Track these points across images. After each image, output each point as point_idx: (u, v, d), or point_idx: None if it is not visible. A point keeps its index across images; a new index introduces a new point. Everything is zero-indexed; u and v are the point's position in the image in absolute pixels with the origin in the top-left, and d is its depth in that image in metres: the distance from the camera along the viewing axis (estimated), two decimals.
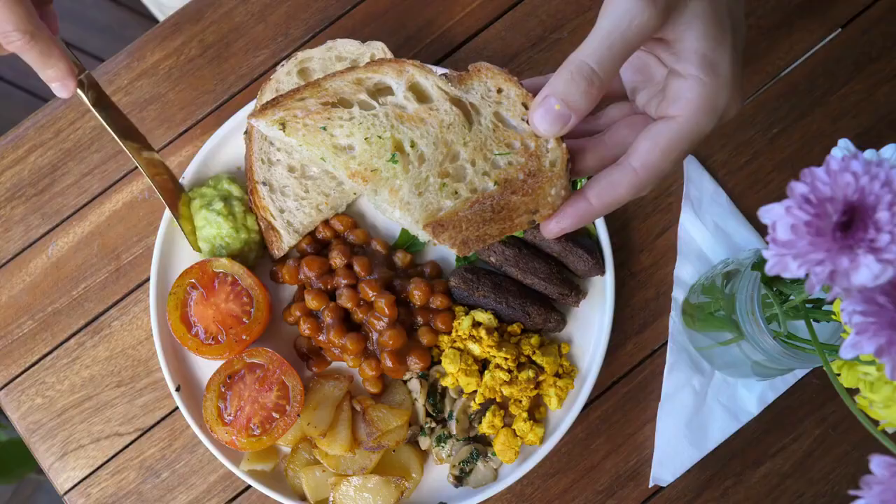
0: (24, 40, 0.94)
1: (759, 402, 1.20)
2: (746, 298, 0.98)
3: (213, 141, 1.22)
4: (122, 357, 1.24)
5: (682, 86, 0.72)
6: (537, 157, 0.80)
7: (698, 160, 1.26)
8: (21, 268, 1.26)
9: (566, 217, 0.77)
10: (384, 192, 0.83)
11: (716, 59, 0.71)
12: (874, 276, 0.61)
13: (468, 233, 0.80)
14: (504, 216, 0.80)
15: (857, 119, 1.28)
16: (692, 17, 0.70)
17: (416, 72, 0.86)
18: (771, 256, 0.65)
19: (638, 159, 0.73)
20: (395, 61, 0.86)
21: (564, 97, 0.71)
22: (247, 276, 1.17)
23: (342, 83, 0.86)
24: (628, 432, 1.22)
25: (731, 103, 0.72)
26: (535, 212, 0.79)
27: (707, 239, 1.24)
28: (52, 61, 0.99)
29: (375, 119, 0.85)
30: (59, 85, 1.02)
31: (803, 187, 0.64)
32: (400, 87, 0.86)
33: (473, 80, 0.84)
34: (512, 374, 1.16)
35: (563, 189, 0.78)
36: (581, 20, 1.29)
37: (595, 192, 0.75)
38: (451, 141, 0.83)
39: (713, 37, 0.70)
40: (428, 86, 0.85)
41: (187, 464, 1.22)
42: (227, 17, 1.31)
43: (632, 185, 0.74)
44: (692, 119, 0.72)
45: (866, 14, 1.30)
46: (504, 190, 0.80)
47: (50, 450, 1.23)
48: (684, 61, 0.71)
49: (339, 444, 1.14)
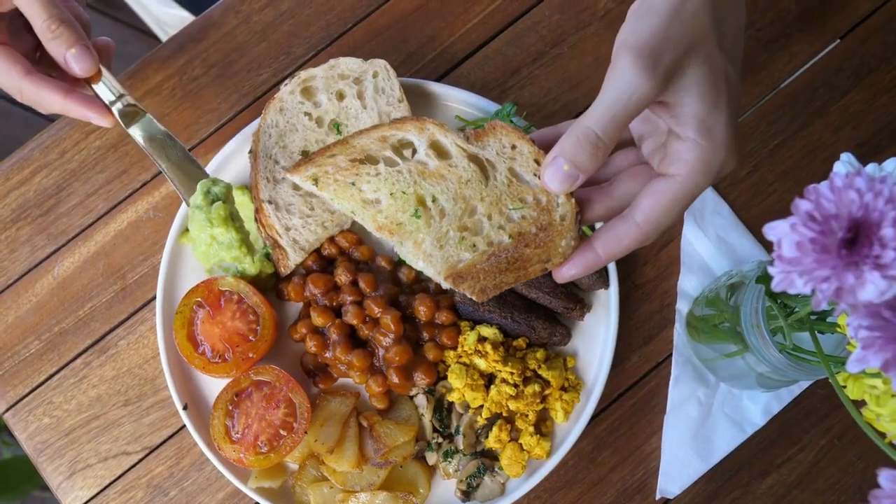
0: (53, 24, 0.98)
1: (764, 413, 1.21)
2: (751, 311, 0.99)
3: (217, 160, 1.22)
4: (128, 376, 1.25)
5: (681, 147, 0.77)
6: (548, 211, 0.86)
7: None
8: (27, 288, 1.27)
9: (575, 266, 0.84)
10: (409, 244, 0.90)
11: (712, 122, 0.76)
12: (880, 292, 0.61)
13: (486, 282, 0.88)
14: (518, 266, 0.87)
15: (857, 129, 1.29)
16: (690, 84, 0.75)
17: (436, 130, 0.92)
18: (777, 273, 0.65)
19: (641, 215, 0.79)
20: (417, 119, 0.93)
21: (573, 159, 0.77)
22: (252, 294, 1.17)
23: (368, 140, 0.94)
24: (634, 445, 1.22)
25: (726, 163, 0.78)
26: (548, 260, 0.86)
27: (710, 251, 1.24)
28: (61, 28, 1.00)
29: (400, 175, 0.92)
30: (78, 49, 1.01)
31: (808, 205, 0.65)
32: (422, 145, 0.93)
33: (489, 136, 0.90)
34: (518, 389, 1.16)
35: (572, 240, 0.85)
36: (581, 35, 1.30)
37: (602, 243, 0.82)
38: (470, 196, 0.90)
39: (710, 101, 0.75)
40: (447, 143, 0.92)
41: (195, 482, 1.22)
42: (230, 37, 1.31)
43: (635, 239, 0.80)
44: (690, 179, 0.77)
45: (865, 24, 1.31)
46: (518, 243, 0.87)
47: (58, 469, 1.23)
48: (683, 125, 0.76)
49: (346, 460, 1.15)
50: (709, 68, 0.75)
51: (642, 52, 0.72)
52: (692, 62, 0.74)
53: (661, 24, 0.73)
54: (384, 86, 1.19)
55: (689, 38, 0.74)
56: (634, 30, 0.74)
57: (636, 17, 0.75)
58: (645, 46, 0.73)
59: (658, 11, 0.74)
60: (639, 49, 0.72)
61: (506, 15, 1.31)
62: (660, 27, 0.73)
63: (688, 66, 0.74)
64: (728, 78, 0.77)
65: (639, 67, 0.72)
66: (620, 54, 0.73)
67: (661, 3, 0.75)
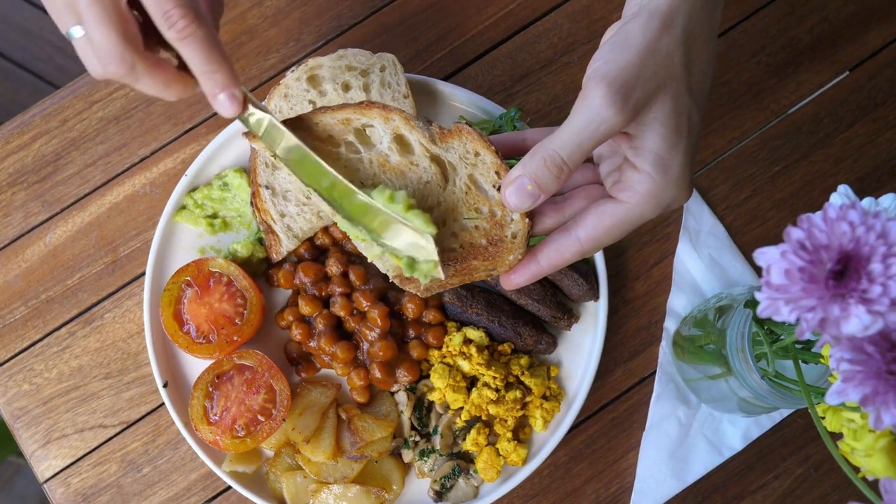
0: (189, 20, 0.74)
1: (743, 437, 1.21)
2: (737, 335, 0.99)
3: (217, 141, 1.22)
4: (112, 349, 1.24)
5: (635, 178, 0.80)
6: (501, 226, 0.86)
7: (699, 192, 1.27)
8: (17, 253, 1.26)
9: (521, 276, 0.87)
10: (358, 239, 0.88)
11: (669, 160, 0.78)
12: (864, 326, 0.61)
13: (432, 284, 0.88)
14: (465, 273, 0.87)
15: (858, 163, 1.29)
16: (653, 121, 0.77)
17: (402, 124, 0.89)
18: (763, 299, 0.65)
19: (584, 232, 0.83)
20: (383, 107, 0.90)
21: (536, 179, 0.79)
22: (242, 277, 1.17)
23: (332, 120, 0.90)
24: (611, 459, 1.22)
25: (676, 199, 0.81)
26: (493, 269, 0.87)
27: (702, 271, 1.24)
28: (219, 58, 0.77)
29: (360, 165, 0.90)
30: (226, 96, 0.79)
31: (800, 233, 0.65)
32: (385, 136, 0.90)
33: (454, 139, 0.88)
34: (499, 394, 1.16)
35: (519, 255, 0.86)
36: (591, 46, 1.30)
37: (545, 254, 0.85)
38: (427, 197, 0.88)
39: (670, 140, 0.78)
40: (412, 140, 0.89)
41: (169, 460, 1.22)
42: (241, 19, 1.31)
43: (576, 253, 0.84)
44: (637, 208, 0.80)
45: (875, 59, 1.31)
46: (467, 254, 0.87)
47: (33, 437, 1.23)
48: (641, 157, 0.79)
49: (322, 451, 1.14)
50: (674, 108, 0.77)
51: (613, 84, 0.74)
52: (659, 100, 0.76)
53: (634, 60, 0.75)
54: (391, 80, 1.19)
55: (660, 76, 0.76)
56: (609, 60, 0.76)
57: (610, 48, 0.77)
58: (617, 79, 0.74)
59: (633, 45, 0.76)
60: (610, 81, 0.74)
61: (518, 19, 1.31)
62: (633, 62, 0.75)
63: (655, 103, 0.76)
64: (690, 119, 0.79)
65: (609, 99, 0.74)
66: (592, 83, 0.75)
67: (636, 38, 0.76)
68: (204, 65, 0.76)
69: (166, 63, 0.79)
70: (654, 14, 0.77)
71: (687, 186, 0.81)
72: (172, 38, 0.75)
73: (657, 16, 0.77)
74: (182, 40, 0.75)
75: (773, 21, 1.31)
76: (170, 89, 0.80)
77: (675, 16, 0.77)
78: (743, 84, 1.30)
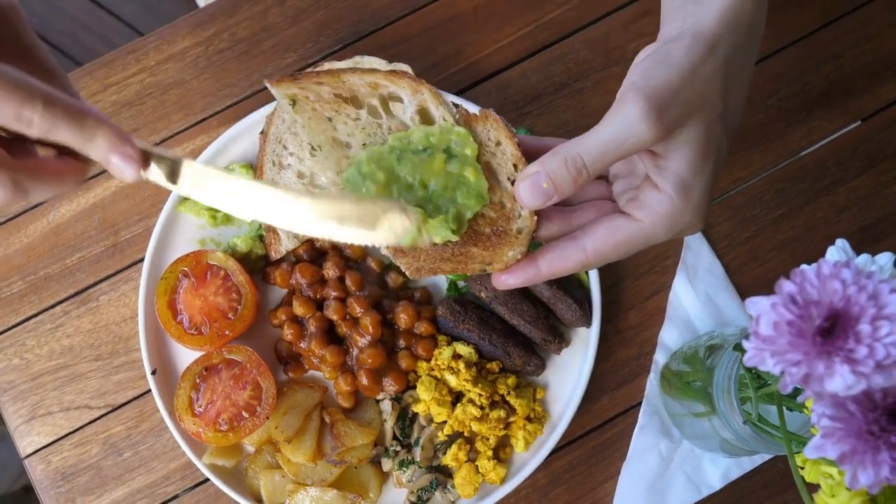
0: (41, 107, 0.65)
1: (722, 477, 1.21)
2: (724, 376, 0.99)
3: (228, 134, 1.23)
4: (104, 332, 1.25)
5: (655, 198, 0.78)
6: (508, 218, 0.84)
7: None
8: (20, 228, 1.27)
9: (515, 277, 0.83)
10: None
11: (691, 185, 0.77)
12: (847, 386, 0.62)
13: (423, 263, 0.85)
14: (460, 260, 0.84)
15: (862, 213, 1.29)
16: (683, 143, 0.75)
17: (430, 98, 0.88)
18: (750, 348, 0.66)
19: (591, 243, 0.80)
20: (415, 80, 0.89)
21: (553, 178, 0.77)
22: (239, 272, 1.18)
23: (360, 81, 0.89)
24: (589, 486, 1.22)
25: (691, 226, 0.79)
26: (489, 263, 0.84)
27: (697, 308, 1.25)
28: (92, 122, 0.68)
29: (379, 130, 0.88)
30: (118, 157, 0.69)
31: (792, 287, 0.65)
32: (410, 106, 0.88)
33: (479, 124, 0.87)
34: (484, 411, 1.16)
35: (520, 253, 0.83)
36: (606, 74, 1.30)
37: (546, 260, 0.82)
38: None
39: (696, 166, 0.76)
40: (436, 115, 0.88)
41: (151, 447, 1.23)
42: (262, 16, 1.32)
43: (579, 263, 0.81)
44: (651, 227, 0.79)
45: (887, 111, 1.31)
46: (468, 239, 0.84)
47: (19, 412, 1.23)
48: (664, 178, 0.77)
49: (302, 452, 1.15)
50: (705, 135, 0.76)
51: (651, 98, 0.73)
52: (693, 124, 0.75)
53: (675, 79, 0.74)
54: None
55: (697, 101, 0.75)
56: (648, 75, 0.74)
57: (651, 64, 0.75)
58: (655, 94, 0.73)
59: (675, 65, 0.75)
60: (648, 95, 0.73)
61: (535, 42, 1.32)
62: (674, 81, 0.74)
63: (688, 126, 0.75)
64: (719, 149, 0.78)
65: (645, 114, 0.72)
66: (630, 95, 0.73)
67: (679, 58, 0.75)
68: (81, 137, 0.68)
69: (46, 159, 0.72)
70: (699, 38, 0.76)
71: (703, 216, 0.80)
72: (39, 135, 0.66)
73: (702, 40, 0.76)
74: (49, 131, 0.66)
75: (790, 65, 1.31)
76: (64, 181, 0.72)
77: (718, 43, 0.76)
78: (754, 124, 1.30)
